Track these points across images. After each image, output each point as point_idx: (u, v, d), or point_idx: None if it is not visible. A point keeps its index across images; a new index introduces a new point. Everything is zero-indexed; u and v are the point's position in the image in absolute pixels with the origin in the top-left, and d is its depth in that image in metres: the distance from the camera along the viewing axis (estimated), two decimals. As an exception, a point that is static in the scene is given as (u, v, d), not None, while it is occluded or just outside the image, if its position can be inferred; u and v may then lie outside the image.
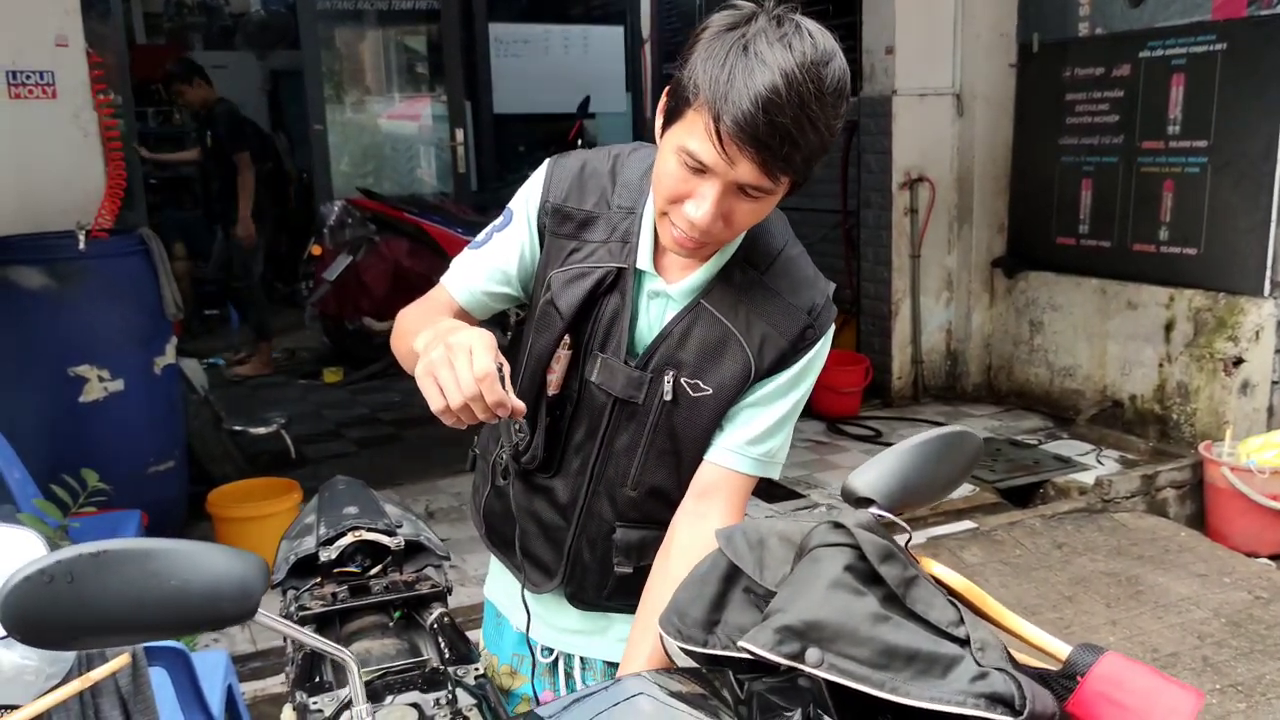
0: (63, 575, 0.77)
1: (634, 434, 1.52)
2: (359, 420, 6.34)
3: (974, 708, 0.97)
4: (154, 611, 0.80)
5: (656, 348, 1.49)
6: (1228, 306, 4.96)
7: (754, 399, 1.51)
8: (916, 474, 1.18)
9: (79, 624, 0.78)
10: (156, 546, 0.81)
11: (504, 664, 1.81)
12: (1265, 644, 3.78)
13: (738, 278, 1.48)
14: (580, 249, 1.52)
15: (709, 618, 1.16)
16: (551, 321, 1.51)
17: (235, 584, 0.84)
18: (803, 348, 1.50)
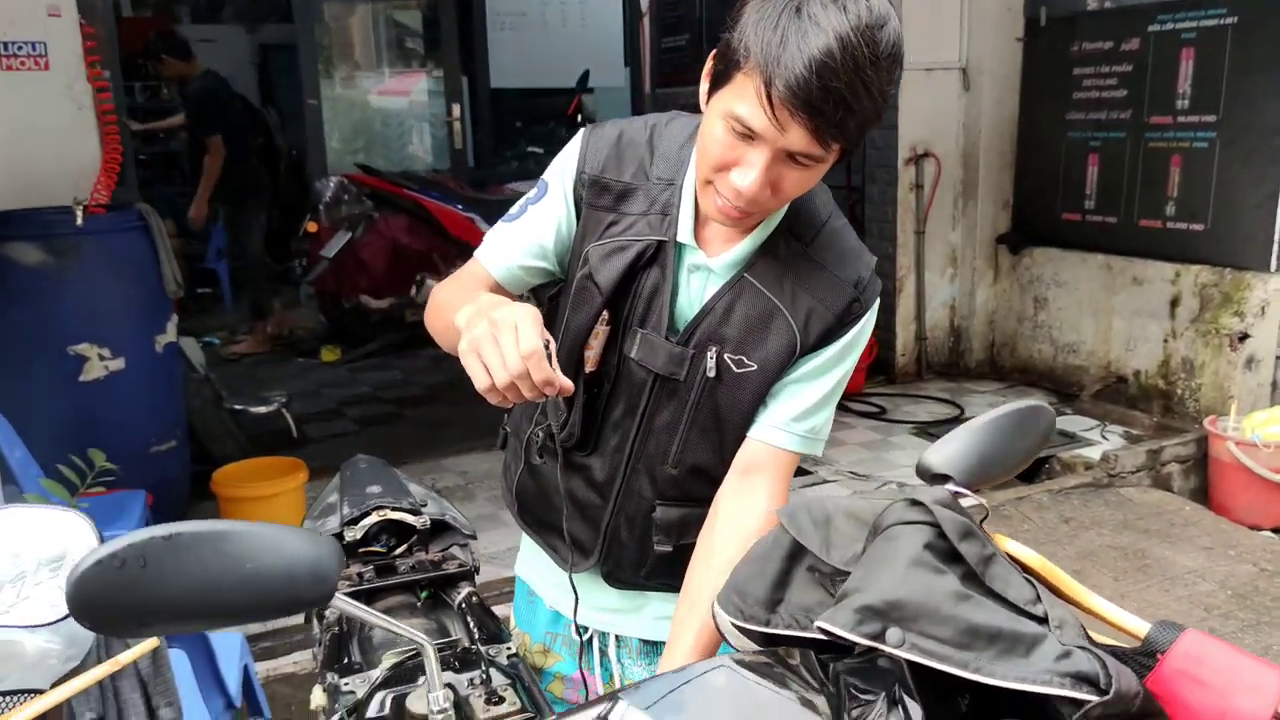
0: (135, 559, 0.73)
1: (675, 411, 1.49)
2: (359, 399, 6.29)
3: (1060, 687, 0.94)
4: (229, 596, 0.76)
5: (699, 323, 1.45)
6: (1234, 282, 4.95)
7: (799, 375, 1.48)
8: (992, 449, 1.15)
9: (151, 609, 0.74)
10: (231, 529, 0.78)
11: (537, 642, 1.79)
12: (1272, 615, 3.79)
13: (782, 250, 1.45)
14: (618, 222, 1.48)
15: (771, 597, 1.13)
16: (590, 297, 1.47)
17: (310, 567, 0.80)
18: (849, 322, 1.46)
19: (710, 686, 0.88)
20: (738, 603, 1.14)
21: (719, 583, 1.44)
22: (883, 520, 1.03)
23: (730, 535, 1.46)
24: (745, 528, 1.46)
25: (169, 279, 4.01)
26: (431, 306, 1.54)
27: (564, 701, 1.75)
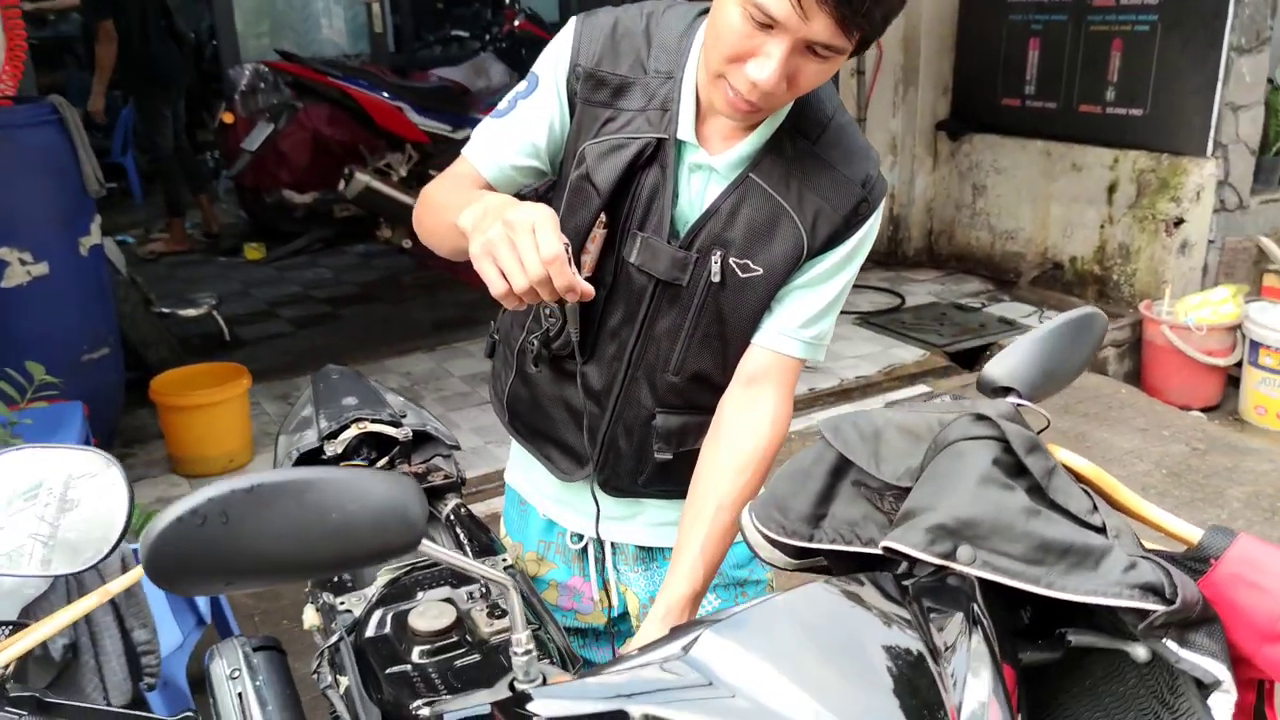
0: (216, 515, 0.67)
1: (677, 318, 1.44)
2: (291, 299, 6.12)
3: (1129, 599, 0.94)
4: (315, 548, 0.71)
5: (702, 226, 1.40)
6: (1171, 167, 5.00)
7: (805, 279, 1.44)
8: (1054, 359, 1.13)
9: (235, 566, 0.69)
10: (314, 477, 0.72)
11: (530, 550, 1.76)
12: (1204, 492, 3.95)
13: (788, 148, 1.39)
14: (615, 118, 1.40)
15: (815, 512, 1.11)
16: (586, 198, 1.40)
17: (398, 512, 0.75)
18: (856, 223, 1.42)
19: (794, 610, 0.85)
20: (778, 518, 1.12)
21: (725, 491, 1.42)
22: (946, 435, 1.00)
23: (736, 443, 1.44)
24: (751, 435, 1.44)
25: (90, 177, 3.79)
26: (424, 206, 1.47)
27: (558, 608, 1.74)
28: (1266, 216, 5.16)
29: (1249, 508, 3.83)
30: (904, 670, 0.86)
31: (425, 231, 1.47)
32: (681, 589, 1.38)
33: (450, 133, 6.20)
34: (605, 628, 1.75)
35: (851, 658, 0.84)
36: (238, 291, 6.20)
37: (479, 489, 3.72)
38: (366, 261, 6.88)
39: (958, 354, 5.00)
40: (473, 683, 1.42)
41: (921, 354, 4.95)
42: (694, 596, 1.39)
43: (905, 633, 0.87)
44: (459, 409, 4.41)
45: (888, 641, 0.86)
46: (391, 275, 6.56)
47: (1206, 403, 4.75)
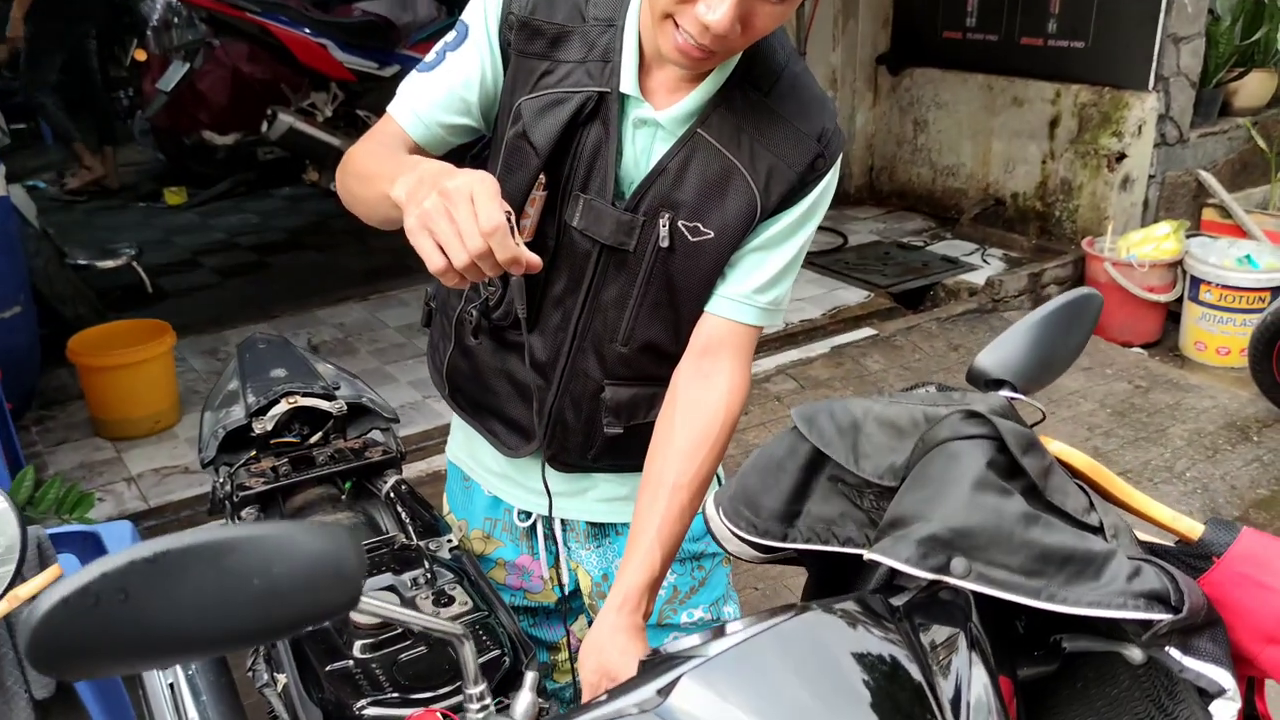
0: (113, 593, 0.56)
1: (624, 285, 1.35)
2: (216, 246, 5.89)
3: (1134, 610, 0.87)
4: (239, 617, 0.60)
5: (649, 186, 1.30)
6: (1113, 101, 4.96)
7: (759, 242, 1.35)
8: (1048, 346, 1.05)
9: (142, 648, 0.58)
10: (232, 538, 0.61)
11: (475, 529, 1.67)
12: (1148, 431, 3.97)
13: (739, 101, 1.29)
14: (553, 71, 1.30)
15: (788, 509, 1.03)
16: (524, 158, 1.30)
17: (331, 569, 0.64)
18: (812, 180, 1.33)
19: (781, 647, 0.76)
20: (749, 516, 1.04)
21: (681, 469, 1.34)
22: (936, 434, 0.92)
23: (691, 419, 1.36)
24: (707, 410, 1.36)
25: (-8, 125, 3.57)
26: (345, 172, 1.34)
27: (506, 587, 1.67)
28: (1205, 150, 5.16)
29: (1191, 446, 3.85)
30: (897, 704, 0.78)
31: (352, 200, 1.34)
32: (638, 577, 1.30)
33: (377, 70, 5.95)
34: (556, 606, 1.69)
35: (841, 696, 0.76)
36: (159, 240, 5.95)
37: (419, 446, 3.61)
38: (293, 206, 6.64)
39: (901, 294, 4.96)
40: (419, 679, 1.34)
41: (865, 295, 4.90)
42: (652, 583, 1.31)
43: (898, 662, 0.80)
44: (395, 361, 4.28)
45: (880, 674, 0.79)
46: (320, 220, 6.34)
47: (1147, 339, 4.77)
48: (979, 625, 0.86)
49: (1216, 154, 5.20)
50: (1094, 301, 1.09)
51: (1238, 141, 5.24)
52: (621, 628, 1.26)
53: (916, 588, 0.89)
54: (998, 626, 0.95)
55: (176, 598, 0.58)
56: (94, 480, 3.48)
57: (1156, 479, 3.67)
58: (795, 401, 4.06)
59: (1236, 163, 5.28)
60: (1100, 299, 1.09)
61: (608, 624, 1.28)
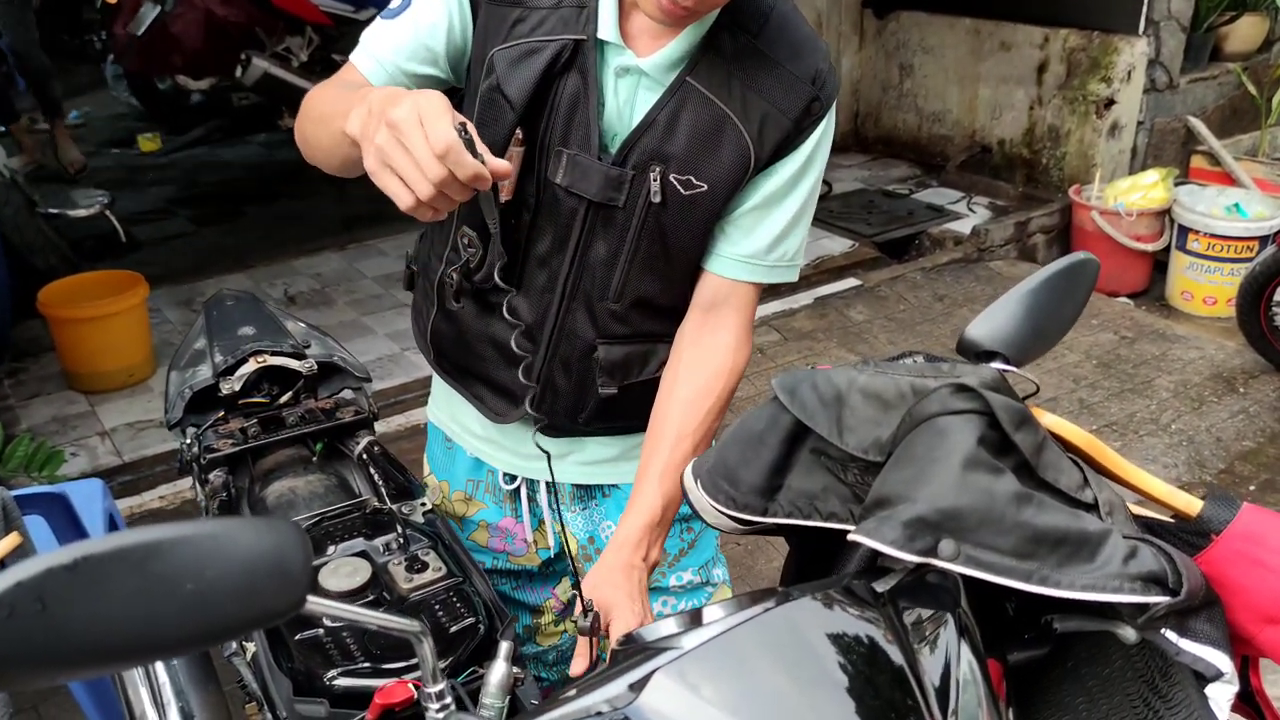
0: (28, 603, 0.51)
1: (614, 242, 1.30)
2: (191, 195, 5.79)
3: (1130, 593, 0.84)
4: (171, 625, 0.55)
5: (637, 139, 1.25)
6: (1102, 46, 4.88)
7: (760, 199, 1.30)
8: (1043, 315, 0.99)
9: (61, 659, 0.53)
10: (156, 539, 0.55)
11: (457, 490, 1.64)
12: (1133, 382, 3.94)
13: (727, 45, 1.24)
14: (525, 19, 1.24)
15: (769, 483, 0.99)
16: (499, 112, 1.24)
17: (273, 568, 0.59)
18: (809, 125, 1.28)
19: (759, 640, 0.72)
20: (728, 489, 1.00)
21: (684, 420, 1.33)
22: (924, 408, 0.87)
23: (695, 372, 1.35)
24: (711, 363, 1.35)
25: (-45, 73, 3.46)
26: (306, 121, 1.27)
27: (489, 550, 1.64)
28: (1195, 96, 5.10)
29: (1177, 397, 3.84)
30: (881, 696, 0.74)
31: (311, 148, 1.28)
32: (639, 519, 1.30)
33: (353, 13, 5.83)
34: (540, 569, 1.66)
35: (823, 692, 0.72)
36: (132, 187, 5.84)
37: (397, 399, 3.56)
38: (269, 153, 6.51)
39: (886, 244, 4.90)
40: (391, 649, 1.31)
41: (850, 245, 4.84)
42: (651, 525, 1.30)
43: (882, 654, 0.76)
44: (373, 312, 4.21)
45: (864, 664, 0.75)
46: (297, 168, 6.15)
47: (1134, 288, 4.74)
48: (968, 610, 0.82)
49: (1206, 100, 5.14)
50: (1090, 266, 1.04)
51: (1228, 87, 5.18)
52: (619, 566, 1.26)
53: (903, 570, 0.85)
54: (987, 608, 0.91)
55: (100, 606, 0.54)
56: (67, 434, 3.43)
57: (1142, 431, 3.65)
58: (779, 354, 4.02)
59: (1226, 109, 5.22)
60: (1096, 264, 1.05)
61: (607, 563, 1.28)
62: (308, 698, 1.23)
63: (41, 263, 4.15)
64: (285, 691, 1.25)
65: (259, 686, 1.38)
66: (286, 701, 1.24)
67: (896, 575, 0.85)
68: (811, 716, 0.71)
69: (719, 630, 0.72)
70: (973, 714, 0.76)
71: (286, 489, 1.71)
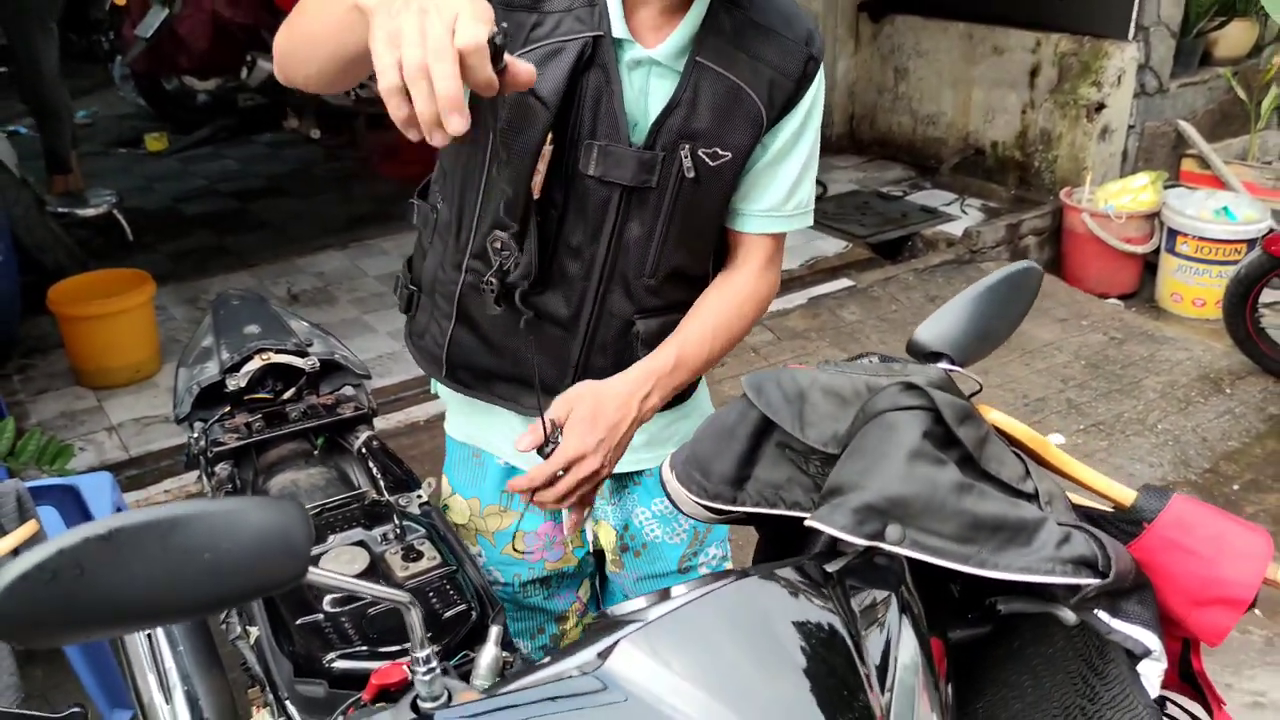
0: (69, 568, 0.60)
1: (648, 221, 1.38)
2: (197, 193, 5.87)
3: (1062, 575, 0.92)
4: (189, 590, 0.64)
5: (663, 121, 1.32)
6: (1093, 50, 4.95)
7: (771, 156, 1.41)
8: (987, 319, 1.08)
9: (97, 619, 0.62)
10: (180, 514, 0.64)
11: (490, 504, 1.65)
12: (1121, 383, 4.01)
13: (726, 24, 1.32)
14: (542, 23, 1.29)
15: (738, 474, 1.07)
16: (532, 114, 1.28)
17: (279, 541, 0.68)
18: (806, 83, 1.38)
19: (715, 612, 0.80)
20: (700, 480, 1.08)
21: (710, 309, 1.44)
22: (875, 404, 0.95)
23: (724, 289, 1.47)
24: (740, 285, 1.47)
25: (-32, 76, 3.53)
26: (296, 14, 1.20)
27: (525, 561, 1.66)
28: (1185, 100, 5.16)
29: (1164, 398, 3.90)
30: (829, 667, 0.82)
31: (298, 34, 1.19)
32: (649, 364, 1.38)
33: (357, 15, 5.89)
34: (576, 569, 1.70)
35: (775, 658, 0.80)
36: (139, 186, 5.92)
37: (398, 396, 3.64)
38: (274, 152, 6.60)
39: (880, 245, 4.98)
40: (388, 632, 1.38)
41: (844, 245, 4.92)
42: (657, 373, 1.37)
43: (829, 625, 0.84)
44: (374, 310, 4.29)
45: (812, 637, 0.83)
46: (301, 167, 6.32)
47: (1124, 290, 4.80)
48: (911, 589, 0.90)
49: (1196, 104, 5.20)
50: (1033, 275, 1.11)
51: (1218, 92, 5.24)
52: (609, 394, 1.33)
53: (854, 552, 0.93)
54: (933, 590, 0.99)
55: (130, 572, 0.62)
56: (75, 430, 3.51)
57: (1129, 431, 3.72)
58: (772, 353, 4.10)
59: (1216, 113, 5.29)
60: (1039, 273, 1.12)
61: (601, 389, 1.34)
62: (307, 679, 1.30)
63: (50, 261, 4.23)
64: (286, 673, 1.32)
65: (261, 669, 1.46)
66: (287, 683, 1.31)
67: (846, 557, 0.93)
68: (761, 682, 0.79)
69: (679, 604, 0.80)
70: (910, 685, 0.83)
71: (289, 481, 1.79)
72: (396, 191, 5.49)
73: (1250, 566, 0.97)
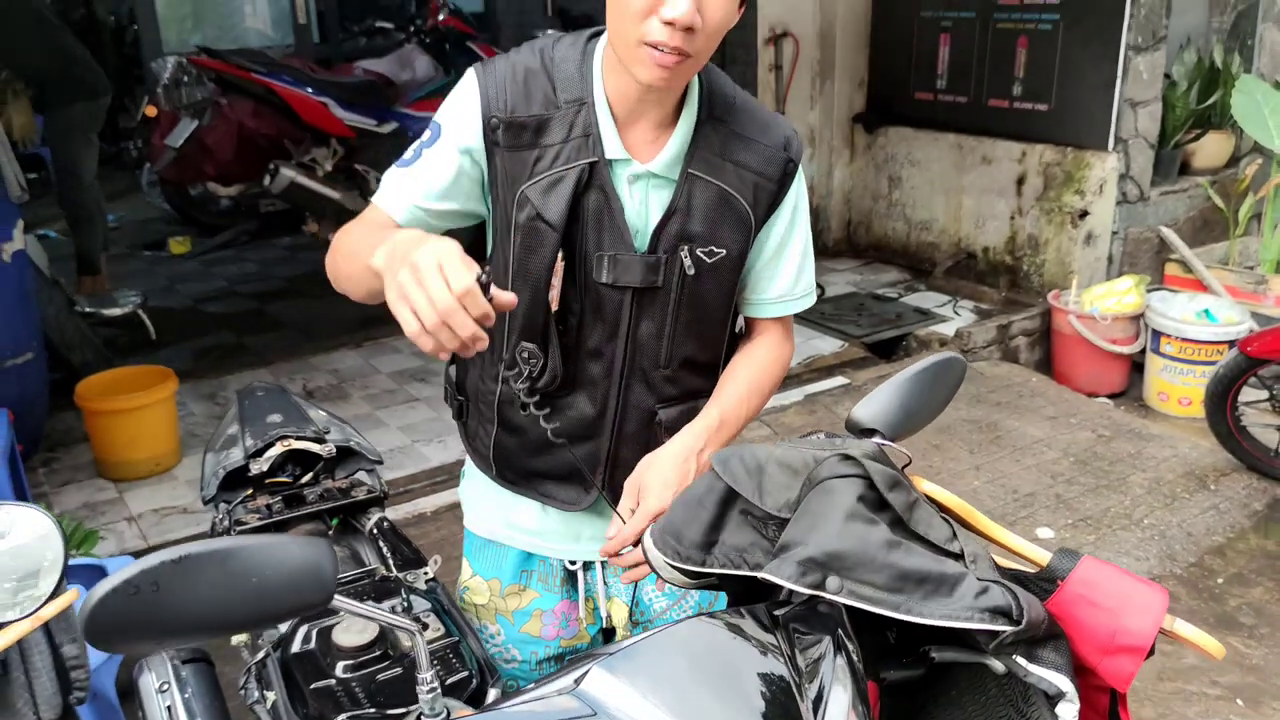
0: (148, 585, 0.75)
1: (658, 318, 1.52)
2: (217, 294, 6.10)
3: (979, 621, 1.05)
4: (237, 609, 0.79)
5: (663, 227, 1.48)
6: (1075, 161, 5.19)
7: (769, 252, 1.58)
8: (914, 401, 1.24)
9: (165, 629, 0.77)
10: (234, 546, 0.80)
11: (510, 584, 1.75)
12: (1109, 479, 4.11)
13: (712, 137, 1.49)
14: (544, 156, 1.45)
15: (706, 539, 1.20)
16: (542, 236, 1.46)
17: (311, 573, 0.83)
18: (787, 182, 1.55)
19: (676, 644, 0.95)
20: (674, 544, 1.21)
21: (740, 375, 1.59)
22: (818, 473, 1.11)
23: (748, 357, 1.63)
24: (763, 353, 1.63)
25: (12, 183, 3.80)
26: (336, 253, 1.48)
27: (542, 639, 1.75)
28: (1167, 207, 5.37)
29: (1150, 494, 3.98)
30: (772, 695, 0.96)
31: (340, 278, 1.49)
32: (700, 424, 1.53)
33: (375, 127, 6.19)
34: (589, 646, 1.78)
35: (726, 685, 0.94)
36: (163, 287, 6.16)
37: (406, 489, 3.78)
38: (293, 255, 6.85)
39: (875, 344, 5.15)
40: (395, 696, 1.50)
41: (840, 345, 5.09)
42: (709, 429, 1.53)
43: (774, 660, 0.98)
44: (386, 407, 4.46)
45: (759, 669, 0.97)
46: (318, 269, 6.44)
47: (1113, 389, 4.93)
48: (849, 633, 1.04)
49: (1178, 211, 5.41)
50: (956, 365, 1.28)
51: (1198, 200, 5.46)
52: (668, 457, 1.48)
53: (801, 600, 1.07)
54: (872, 637, 1.13)
55: (194, 590, 0.77)
56: (96, 519, 3.64)
57: (1116, 526, 3.80)
58: (769, 447, 4.22)
59: (1198, 219, 5.50)
60: (963, 363, 1.29)
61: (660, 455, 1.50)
62: (321, 741, 1.39)
63: (78, 359, 4.42)
64: (301, 736, 1.44)
65: (277, 731, 1.58)
66: (301, 744, 1.43)
67: (794, 605, 1.07)
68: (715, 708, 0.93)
69: (646, 636, 0.95)
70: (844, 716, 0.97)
71: (305, 559, 1.93)
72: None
73: (1149, 618, 1.11)
